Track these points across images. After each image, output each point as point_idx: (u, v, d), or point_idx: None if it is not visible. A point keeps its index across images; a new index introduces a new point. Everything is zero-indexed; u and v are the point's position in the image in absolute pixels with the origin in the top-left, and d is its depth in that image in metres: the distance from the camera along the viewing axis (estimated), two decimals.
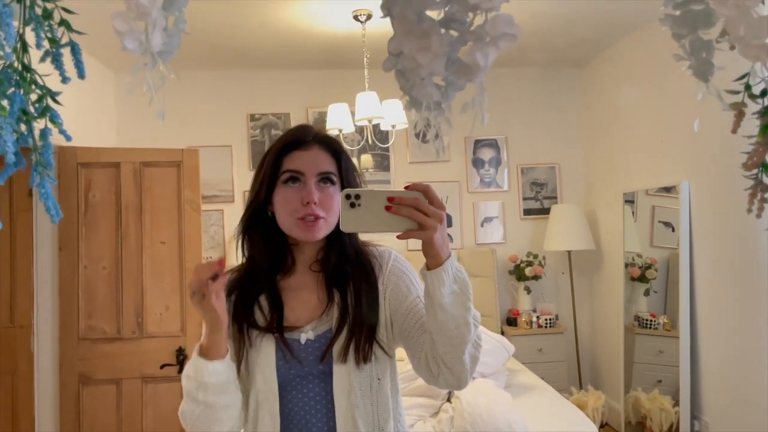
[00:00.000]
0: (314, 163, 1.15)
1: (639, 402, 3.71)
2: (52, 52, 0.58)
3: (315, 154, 1.17)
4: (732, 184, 3.03)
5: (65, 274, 3.04)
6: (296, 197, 1.14)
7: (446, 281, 0.97)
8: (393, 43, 0.54)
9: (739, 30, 0.52)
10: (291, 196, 1.14)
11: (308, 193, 1.13)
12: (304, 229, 1.14)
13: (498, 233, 4.75)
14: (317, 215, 1.13)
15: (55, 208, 0.58)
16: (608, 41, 4.21)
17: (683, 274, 3.37)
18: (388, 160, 4.67)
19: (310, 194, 1.13)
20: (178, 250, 3.14)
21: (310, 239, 1.16)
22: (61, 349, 3.02)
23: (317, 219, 1.13)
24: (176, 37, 0.55)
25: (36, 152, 0.57)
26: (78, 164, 3.07)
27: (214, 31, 3.64)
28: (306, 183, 1.14)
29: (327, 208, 1.14)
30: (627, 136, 4.15)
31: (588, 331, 4.74)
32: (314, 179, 1.15)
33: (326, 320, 1.18)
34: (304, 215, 1.13)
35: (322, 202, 1.14)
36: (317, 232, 1.14)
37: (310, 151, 1.17)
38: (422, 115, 0.55)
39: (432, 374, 1.09)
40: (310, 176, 1.14)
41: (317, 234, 1.15)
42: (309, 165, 1.15)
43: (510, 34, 0.48)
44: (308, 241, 1.18)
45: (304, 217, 1.13)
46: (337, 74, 4.53)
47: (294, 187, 1.15)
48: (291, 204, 1.14)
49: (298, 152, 1.16)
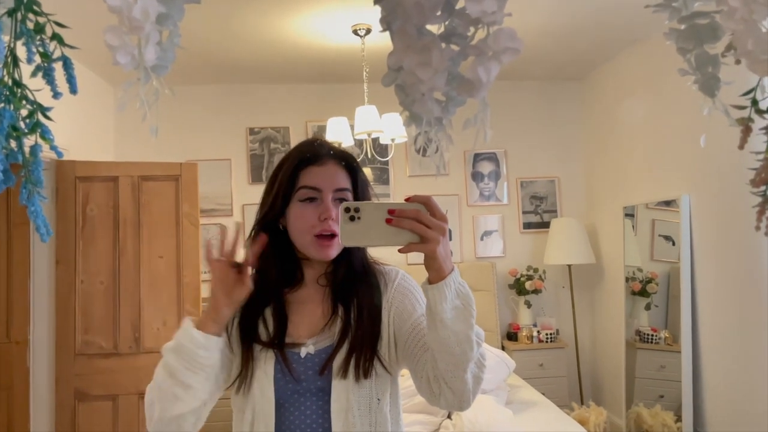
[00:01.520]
0: (331, 179, 1.15)
1: (641, 417, 3.67)
2: (43, 66, 0.56)
3: (332, 170, 1.16)
4: (733, 198, 3.02)
5: (62, 288, 3.02)
6: (313, 213, 1.13)
7: (448, 296, 0.95)
8: (392, 58, 0.53)
9: (747, 44, 0.51)
10: (308, 213, 1.14)
11: (326, 209, 1.12)
12: (318, 248, 1.14)
13: (498, 247, 4.73)
14: (334, 231, 1.12)
15: (45, 226, 0.56)
16: (608, 55, 4.22)
17: (684, 288, 3.35)
18: (387, 173, 4.66)
19: (328, 210, 1.12)
20: (176, 264, 3.12)
21: (324, 258, 1.16)
22: (57, 365, 3.00)
23: (333, 237, 1.13)
24: (171, 51, 0.54)
25: (26, 169, 0.56)
26: (76, 178, 3.06)
27: (213, 45, 3.65)
28: (323, 199, 1.13)
29: None
30: (627, 149, 4.15)
31: (589, 345, 4.71)
32: (331, 195, 1.14)
33: (328, 334, 1.16)
34: (321, 231, 1.12)
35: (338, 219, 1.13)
36: (331, 252, 1.14)
37: (327, 167, 1.16)
38: (423, 130, 0.53)
39: (433, 393, 1.07)
40: (327, 192, 1.13)
41: (331, 253, 1.14)
42: (326, 181, 1.14)
43: (513, 49, 0.47)
44: (321, 260, 1.17)
45: (320, 234, 1.13)
46: (337, 88, 4.54)
47: (311, 204, 1.14)
48: (308, 220, 1.13)
49: (314, 168, 1.16)
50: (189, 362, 1.03)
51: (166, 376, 1.04)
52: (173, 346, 1.04)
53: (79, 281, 3.03)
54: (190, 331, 1.04)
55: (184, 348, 1.03)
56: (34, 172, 0.56)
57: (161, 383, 1.05)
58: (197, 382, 1.05)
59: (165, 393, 1.04)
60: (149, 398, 1.07)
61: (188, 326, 1.05)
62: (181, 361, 1.03)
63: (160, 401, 1.05)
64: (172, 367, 1.04)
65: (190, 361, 1.03)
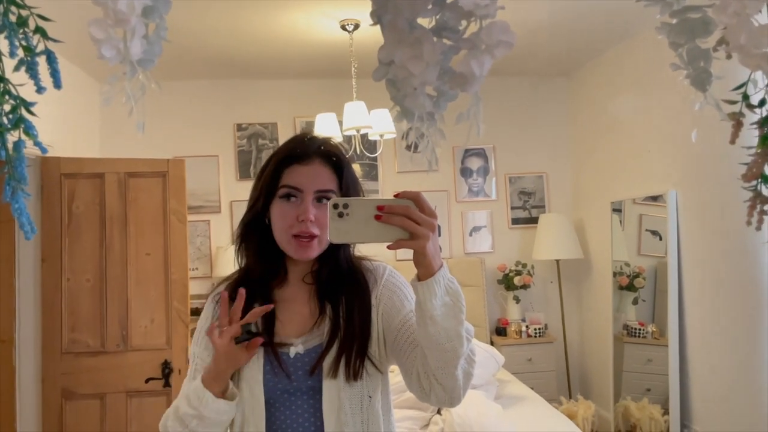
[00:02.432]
0: (313, 179, 1.13)
1: (628, 411, 3.70)
2: (26, 60, 0.55)
3: (315, 169, 1.14)
4: (719, 192, 3.05)
5: (48, 286, 2.98)
6: (292, 213, 1.12)
7: (438, 292, 0.94)
8: (383, 52, 0.52)
9: (740, 39, 0.50)
10: (287, 212, 1.13)
11: (304, 211, 1.11)
12: (296, 248, 1.13)
13: (486, 242, 4.74)
14: (312, 233, 1.11)
15: (29, 224, 0.55)
16: (596, 50, 4.23)
17: (671, 283, 3.38)
18: (376, 169, 4.65)
19: (306, 212, 1.11)
20: (163, 261, 3.09)
21: (302, 259, 1.15)
22: (43, 363, 2.96)
23: (311, 238, 1.12)
24: (157, 44, 0.52)
25: (9, 165, 0.54)
26: (61, 174, 3.02)
27: (200, 40, 3.62)
28: (303, 200, 1.12)
29: (322, 225, 1.12)
30: (615, 145, 4.17)
31: (577, 340, 4.74)
32: (312, 196, 1.12)
33: (317, 334, 1.16)
34: (299, 232, 1.11)
35: (318, 220, 1.12)
36: (310, 252, 1.13)
37: (311, 166, 1.14)
38: (414, 126, 0.53)
39: (424, 390, 1.06)
40: (307, 193, 1.12)
41: (310, 254, 1.14)
42: (307, 181, 1.13)
43: (506, 42, 0.46)
44: (300, 260, 1.17)
45: (298, 234, 1.12)
46: (325, 84, 4.52)
47: (290, 203, 1.13)
48: (286, 220, 1.13)
49: (298, 166, 1.14)
50: (212, 424, 1.09)
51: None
52: (197, 415, 1.08)
53: (65, 279, 2.99)
54: (216, 404, 1.08)
55: (209, 419, 1.08)
56: (18, 168, 0.55)
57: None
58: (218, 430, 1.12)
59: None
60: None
61: (210, 399, 1.07)
62: (204, 426, 1.08)
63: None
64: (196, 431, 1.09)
65: (214, 423, 1.09)
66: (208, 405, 1.06)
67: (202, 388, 1.07)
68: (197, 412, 1.07)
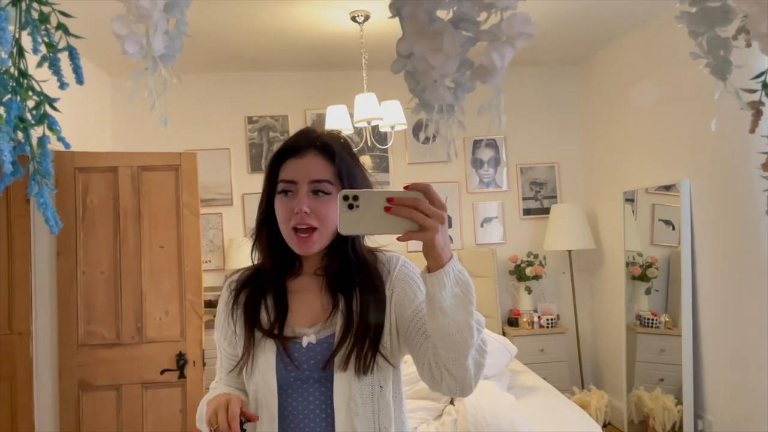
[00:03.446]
0: (306, 171, 1.13)
1: (641, 401, 3.70)
2: (49, 57, 0.56)
3: (309, 161, 1.14)
4: (733, 182, 3.02)
5: (63, 279, 3.02)
6: (288, 206, 1.13)
7: (447, 284, 0.95)
8: (402, 44, 0.53)
9: (761, 27, 0.50)
10: (284, 205, 1.14)
11: (298, 202, 1.11)
12: (297, 243, 1.14)
13: (498, 233, 4.73)
14: (310, 225, 1.11)
15: (54, 218, 0.56)
16: (607, 39, 4.20)
17: (685, 273, 3.36)
18: (387, 161, 4.65)
19: (300, 203, 1.11)
20: (177, 254, 3.12)
21: (304, 253, 1.16)
22: (60, 356, 3.00)
23: (311, 232, 1.12)
24: (178, 40, 0.53)
25: (34, 161, 0.55)
26: (75, 169, 3.04)
27: (211, 33, 3.62)
28: (298, 192, 1.13)
29: (321, 217, 1.12)
30: (626, 134, 4.14)
31: (589, 330, 4.73)
32: (306, 188, 1.13)
33: (329, 326, 1.17)
34: (296, 224, 1.12)
35: (316, 211, 1.12)
36: (311, 247, 1.14)
37: (305, 158, 1.15)
38: (434, 118, 0.53)
39: (435, 380, 1.08)
40: (302, 185, 1.13)
41: (311, 249, 1.14)
42: (301, 173, 1.13)
43: (527, 34, 0.46)
44: (303, 254, 1.17)
45: (297, 227, 1.12)
46: (336, 76, 4.52)
47: (288, 197, 1.14)
48: (284, 213, 1.14)
49: (293, 160, 1.15)
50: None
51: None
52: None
53: (80, 272, 3.02)
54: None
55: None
56: (43, 163, 0.55)
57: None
58: None
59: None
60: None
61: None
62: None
63: None
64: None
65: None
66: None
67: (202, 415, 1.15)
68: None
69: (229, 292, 1.25)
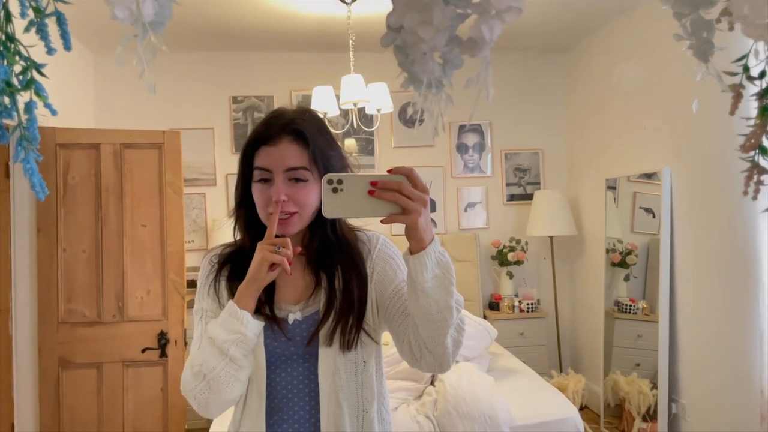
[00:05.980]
0: (281, 159, 1.12)
1: (618, 385, 3.77)
2: (36, 21, 0.55)
3: (283, 149, 1.13)
4: (714, 170, 3.06)
5: (44, 257, 2.99)
6: (266, 194, 1.13)
7: (429, 265, 0.97)
8: (392, 17, 0.53)
9: (743, 9, 0.51)
10: (262, 193, 1.14)
11: (275, 191, 1.11)
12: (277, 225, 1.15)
13: (481, 218, 4.76)
14: (288, 212, 1.12)
15: (41, 184, 0.56)
16: (592, 26, 4.22)
17: (663, 260, 3.41)
18: (372, 144, 4.65)
19: (278, 192, 1.11)
20: (159, 233, 3.10)
21: (284, 234, 1.15)
22: (40, 333, 2.98)
23: (290, 216, 1.12)
24: (167, 7, 0.53)
25: (20, 126, 0.55)
26: (57, 145, 3.01)
27: (196, 11, 3.58)
28: (275, 180, 1.12)
29: (300, 203, 1.12)
30: (610, 122, 4.17)
31: (569, 315, 4.80)
32: (282, 176, 1.12)
33: (313, 303, 1.19)
34: (275, 212, 1.12)
35: (293, 198, 1.12)
36: (290, 228, 1.14)
37: (278, 146, 1.13)
38: (422, 92, 0.53)
39: (415, 357, 1.11)
40: (278, 174, 1.12)
41: (290, 230, 1.14)
42: (276, 162, 1.12)
43: (516, 8, 0.47)
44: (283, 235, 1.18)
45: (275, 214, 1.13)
46: (322, 57, 4.49)
47: (265, 185, 1.13)
48: (261, 201, 1.14)
49: (266, 148, 1.14)
50: (248, 349, 1.09)
51: (226, 364, 1.07)
52: (239, 339, 1.07)
53: (61, 250, 3.00)
54: (253, 324, 1.09)
55: (248, 339, 1.08)
56: (29, 129, 0.55)
57: (220, 372, 1.07)
58: (249, 362, 1.12)
59: (225, 380, 1.08)
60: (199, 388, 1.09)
61: (248, 318, 1.08)
62: (242, 349, 1.08)
63: (219, 388, 1.08)
64: (233, 357, 1.07)
65: (249, 348, 1.09)
66: (248, 324, 1.08)
67: (237, 310, 1.08)
68: (239, 334, 1.07)
69: (211, 266, 1.24)
